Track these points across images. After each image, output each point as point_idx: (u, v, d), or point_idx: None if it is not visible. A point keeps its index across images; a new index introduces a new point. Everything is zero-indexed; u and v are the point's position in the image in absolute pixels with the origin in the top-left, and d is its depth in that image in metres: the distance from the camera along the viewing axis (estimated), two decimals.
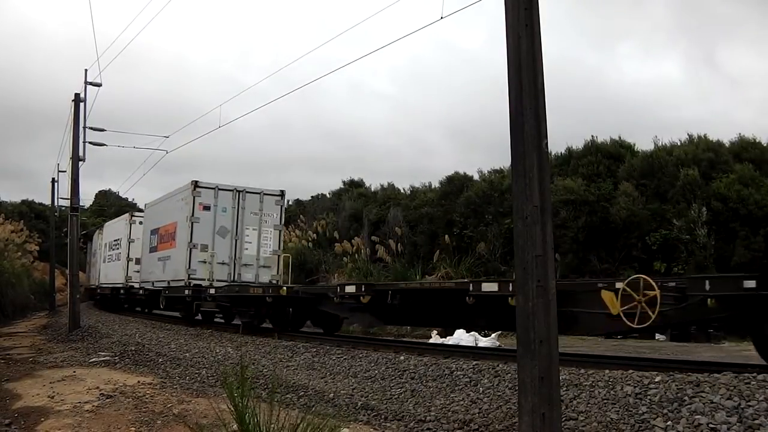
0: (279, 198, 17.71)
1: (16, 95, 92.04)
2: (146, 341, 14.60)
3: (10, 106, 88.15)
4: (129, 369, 10.96)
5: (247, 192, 17.23)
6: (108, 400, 7.90)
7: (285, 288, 14.78)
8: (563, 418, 5.50)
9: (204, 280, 16.63)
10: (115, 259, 26.61)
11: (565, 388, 6.50)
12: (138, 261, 22.90)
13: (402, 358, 9.54)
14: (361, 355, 10.25)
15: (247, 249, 17.18)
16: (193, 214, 16.73)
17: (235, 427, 4.75)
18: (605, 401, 6.18)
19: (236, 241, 17.04)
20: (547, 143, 4.78)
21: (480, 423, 6.32)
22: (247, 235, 17.18)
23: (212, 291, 15.93)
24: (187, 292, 16.82)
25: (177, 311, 19.70)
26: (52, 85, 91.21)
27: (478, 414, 6.61)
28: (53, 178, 35.74)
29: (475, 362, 8.49)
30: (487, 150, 59.82)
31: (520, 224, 4.70)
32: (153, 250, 20.12)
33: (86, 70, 19.81)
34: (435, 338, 15.72)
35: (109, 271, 27.67)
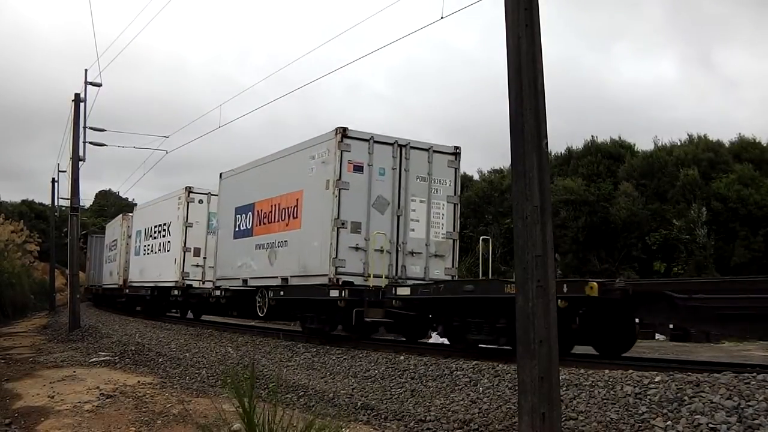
0: (453, 158, 12.49)
1: (16, 95, 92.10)
2: (146, 341, 14.60)
3: (10, 106, 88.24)
4: (129, 369, 10.96)
5: (412, 147, 12.13)
6: (108, 400, 7.91)
7: (594, 285, 7.80)
8: (563, 418, 5.50)
9: (360, 276, 11.53)
10: (156, 250, 21.07)
11: (565, 388, 6.50)
12: (198, 252, 18.74)
13: (402, 357, 9.55)
14: (361, 355, 10.24)
15: (413, 230, 12.10)
16: (340, 177, 11.39)
17: (235, 426, 4.76)
18: (605, 401, 6.18)
19: (398, 218, 11.92)
20: (547, 143, 4.78)
21: (480, 423, 6.32)
22: (413, 210, 12.11)
23: (402, 291, 10.70)
24: (336, 293, 11.21)
25: (302, 320, 13.47)
26: (51, 85, 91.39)
27: (478, 414, 6.61)
28: (53, 178, 35.77)
29: (475, 362, 8.49)
30: (485, 149, 59.92)
31: (520, 224, 4.70)
32: (242, 234, 14.80)
33: (86, 70, 19.82)
34: (435, 338, 15.70)
35: (144, 266, 22.15)
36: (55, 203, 37.46)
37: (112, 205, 56.08)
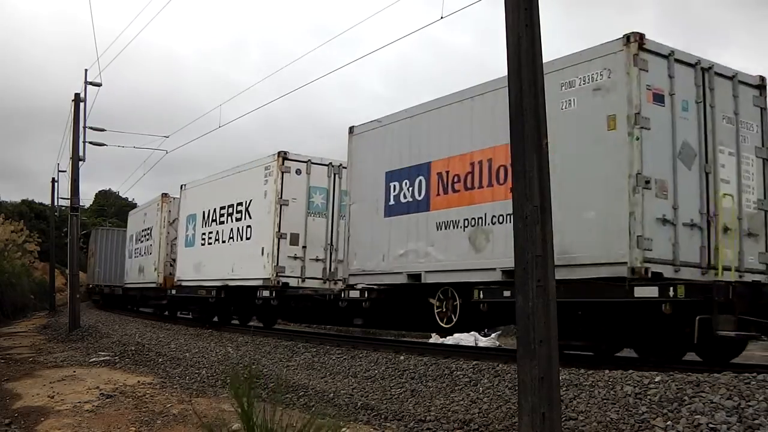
0: (758, 93, 8.94)
1: (16, 95, 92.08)
2: (146, 341, 14.60)
3: (10, 106, 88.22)
4: (129, 369, 10.96)
5: (716, 73, 8.54)
6: (108, 399, 7.90)
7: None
8: (563, 418, 5.50)
9: (691, 266, 7.95)
10: (227, 238, 16.31)
11: (565, 388, 6.50)
12: (296, 239, 14.20)
13: (402, 358, 9.55)
14: (361, 355, 10.25)
15: (724, 196, 8.30)
16: (639, 111, 7.64)
17: (234, 426, 4.76)
18: (605, 401, 6.18)
19: (707, 176, 8.28)
20: (547, 143, 4.79)
21: (480, 423, 6.32)
22: (722, 165, 8.43)
23: None
24: (649, 292, 7.47)
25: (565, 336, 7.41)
26: (51, 85, 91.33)
27: (478, 414, 6.61)
28: (53, 178, 35.75)
29: (475, 362, 8.49)
30: None
31: (520, 224, 4.70)
32: (404, 209, 10.83)
33: (86, 70, 19.75)
34: (435, 338, 15.71)
35: (204, 260, 17.43)
36: (55, 203, 37.46)
37: (112, 205, 56.10)
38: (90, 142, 20.27)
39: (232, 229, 16.05)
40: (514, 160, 4.84)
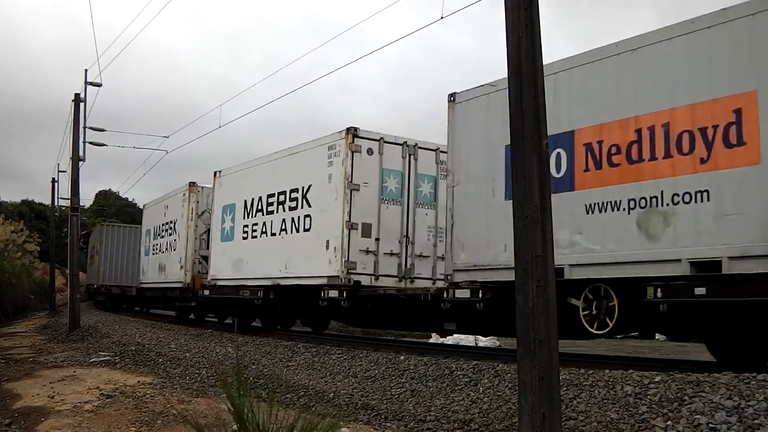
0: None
1: (16, 95, 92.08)
2: (146, 341, 14.60)
3: (10, 106, 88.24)
4: (129, 369, 10.96)
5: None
6: (108, 400, 7.91)
7: None
8: (563, 418, 5.50)
9: None
10: (276, 231, 14.09)
11: (565, 388, 6.50)
12: (368, 230, 12.15)
13: (402, 358, 9.55)
14: (361, 355, 10.25)
15: None
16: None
17: (235, 426, 4.76)
18: (605, 401, 6.18)
19: None
20: (547, 143, 4.79)
21: (480, 423, 6.32)
22: None
23: None
24: None
25: None
26: (51, 85, 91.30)
27: (478, 414, 6.61)
28: (53, 178, 35.78)
29: (475, 362, 8.49)
30: None
31: (520, 224, 4.70)
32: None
33: (86, 70, 19.77)
34: (435, 338, 15.72)
35: (245, 257, 15.28)
36: (55, 203, 37.49)
37: (112, 205, 56.10)
38: (90, 142, 20.30)
39: (284, 219, 13.75)
40: (514, 160, 4.84)
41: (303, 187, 13.25)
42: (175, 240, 19.59)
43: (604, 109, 8.12)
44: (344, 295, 11.88)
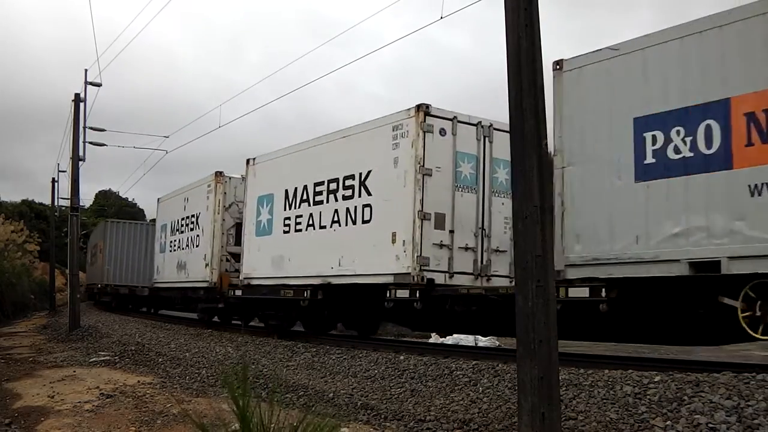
0: None
1: (16, 95, 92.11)
2: (146, 341, 14.61)
3: (10, 106, 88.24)
4: (129, 369, 10.96)
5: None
6: (108, 399, 7.91)
7: None
8: (563, 418, 5.51)
9: None
10: (331, 223, 12.34)
11: (564, 388, 6.50)
12: (441, 221, 10.69)
13: (402, 357, 9.56)
14: (361, 355, 10.25)
15: None
16: None
17: (235, 426, 4.76)
18: (605, 401, 6.18)
19: None
20: (547, 143, 4.80)
21: (480, 423, 6.32)
22: None
23: None
24: None
25: None
26: (51, 85, 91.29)
27: (477, 414, 6.62)
28: (53, 178, 35.81)
29: (474, 362, 8.50)
30: None
31: (520, 224, 4.71)
32: (685, 168, 7.48)
33: (86, 70, 19.79)
34: (435, 338, 15.72)
35: (286, 253, 13.62)
36: (55, 203, 37.52)
37: (112, 205, 56.09)
38: (90, 142, 20.32)
39: (336, 210, 12.13)
40: (514, 160, 4.85)
41: (360, 174, 11.61)
42: (198, 235, 17.89)
43: None
44: (417, 295, 10.31)
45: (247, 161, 15.41)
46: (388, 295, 10.72)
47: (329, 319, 13.80)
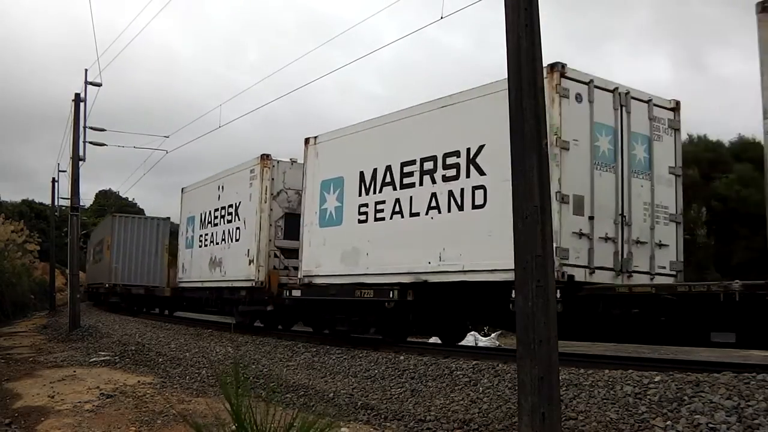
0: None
1: (15, 95, 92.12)
2: (146, 341, 14.60)
3: (10, 106, 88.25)
4: (129, 369, 10.96)
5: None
6: (108, 399, 7.91)
7: None
8: (563, 418, 5.50)
9: None
10: (427, 210, 10.40)
11: (565, 388, 6.50)
12: (580, 205, 8.94)
13: (402, 357, 9.55)
14: (361, 355, 10.25)
15: None
16: None
17: (234, 426, 4.76)
18: (605, 401, 6.18)
19: None
20: (547, 143, 4.80)
21: (480, 423, 6.32)
22: None
23: None
24: None
25: None
26: (51, 85, 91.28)
27: (477, 414, 6.62)
28: (53, 178, 35.80)
29: (474, 362, 8.49)
30: None
31: (520, 224, 4.71)
32: None
33: (86, 70, 19.74)
34: (434, 338, 15.70)
35: (368, 244, 11.50)
36: (55, 203, 37.51)
37: (112, 205, 56.10)
38: (90, 142, 20.30)
39: (434, 194, 10.21)
40: (514, 160, 4.85)
41: (468, 149, 9.70)
42: (237, 228, 15.81)
43: None
44: (557, 295, 8.35)
45: (306, 140, 13.35)
46: (513, 295, 8.45)
47: (415, 323, 11.58)
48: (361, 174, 11.67)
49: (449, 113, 10.15)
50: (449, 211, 9.88)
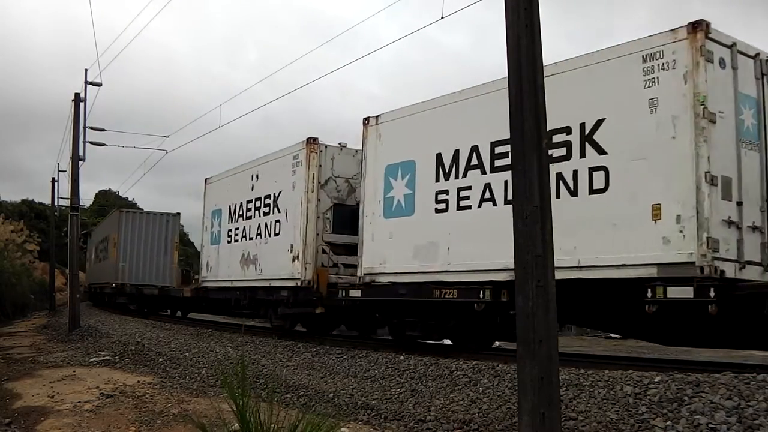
0: None
1: (15, 95, 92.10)
2: (146, 341, 14.59)
3: (10, 106, 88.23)
4: (129, 369, 10.96)
5: None
6: (108, 399, 7.91)
7: None
8: (563, 418, 5.50)
9: None
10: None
11: (565, 388, 6.50)
12: (727, 187, 7.37)
13: (402, 357, 9.54)
14: (360, 355, 10.24)
15: None
16: None
17: (235, 426, 4.76)
18: (605, 401, 6.18)
19: None
20: (547, 143, 4.79)
21: (480, 423, 6.32)
22: None
23: None
24: None
25: None
26: (51, 85, 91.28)
27: (477, 414, 6.61)
28: (53, 178, 35.83)
29: (474, 362, 8.49)
30: None
31: (520, 224, 4.70)
32: None
33: (86, 70, 19.74)
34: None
35: (447, 237, 9.99)
36: (55, 203, 37.54)
37: (112, 205, 56.10)
38: (90, 142, 20.32)
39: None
40: (514, 160, 4.85)
41: (582, 125, 8.30)
42: (277, 221, 14.20)
43: None
44: (711, 294, 6.93)
45: (366, 120, 11.81)
46: (649, 294, 7.39)
47: (503, 328, 9.88)
48: (438, 156, 10.20)
49: (550, 85, 8.33)
50: (558, 197, 8.26)
